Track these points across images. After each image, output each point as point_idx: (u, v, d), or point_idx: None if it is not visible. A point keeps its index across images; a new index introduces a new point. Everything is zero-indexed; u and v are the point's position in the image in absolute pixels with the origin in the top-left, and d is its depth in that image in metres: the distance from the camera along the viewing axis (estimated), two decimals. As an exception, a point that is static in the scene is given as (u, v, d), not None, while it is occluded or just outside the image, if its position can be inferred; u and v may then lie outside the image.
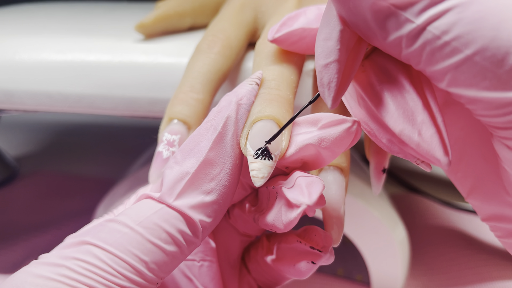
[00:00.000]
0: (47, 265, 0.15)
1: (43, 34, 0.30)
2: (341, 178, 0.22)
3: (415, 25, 0.14)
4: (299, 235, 0.20)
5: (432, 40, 0.13)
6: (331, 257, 0.20)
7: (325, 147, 0.18)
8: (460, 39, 0.13)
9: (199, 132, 0.18)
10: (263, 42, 0.24)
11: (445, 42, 0.13)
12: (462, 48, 0.13)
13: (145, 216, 0.16)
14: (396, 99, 0.16)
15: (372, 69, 0.17)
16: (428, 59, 0.14)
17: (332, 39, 0.15)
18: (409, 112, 0.16)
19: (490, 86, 0.13)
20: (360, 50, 0.16)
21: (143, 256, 0.16)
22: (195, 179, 0.17)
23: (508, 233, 0.18)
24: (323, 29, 0.16)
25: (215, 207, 0.18)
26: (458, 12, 0.13)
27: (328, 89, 0.16)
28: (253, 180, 0.18)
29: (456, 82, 0.14)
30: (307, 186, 0.17)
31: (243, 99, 0.19)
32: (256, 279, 0.23)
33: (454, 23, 0.13)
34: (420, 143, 0.15)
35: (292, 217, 0.17)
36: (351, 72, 0.16)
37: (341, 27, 0.15)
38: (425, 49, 0.14)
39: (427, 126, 0.15)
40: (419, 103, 0.16)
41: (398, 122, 0.16)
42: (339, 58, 0.15)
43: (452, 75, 0.14)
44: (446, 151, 0.15)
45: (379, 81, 0.16)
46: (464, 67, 0.13)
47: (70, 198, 0.46)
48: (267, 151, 0.18)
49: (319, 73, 0.16)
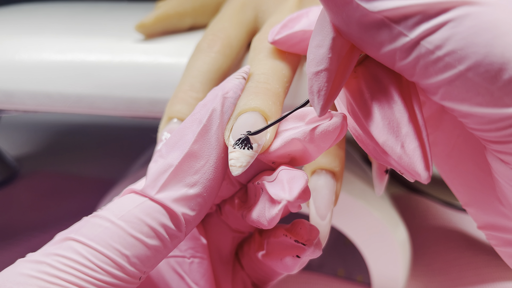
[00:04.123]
0: (29, 263, 0.15)
1: (43, 34, 0.30)
2: (333, 182, 0.22)
3: (408, 39, 0.13)
4: (287, 229, 0.20)
5: (425, 54, 0.13)
6: (317, 250, 0.20)
7: (310, 141, 0.18)
8: (453, 54, 0.13)
9: (184, 125, 0.18)
10: (258, 38, 0.24)
11: (438, 57, 0.13)
12: (455, 64, 0.13)
13: (127, 210, 0.16)
14: (383, 109, 0.16)
15: (363, 76, 0.17)
16: (422, 72, 0.14)
17: (324, 46, 0.15)
18: (395, 123, 0.16)
19: (483, 102, 0.13)
20: (353, 57, 0.16)
21: (124, 250, 0.16)
22: (179, 171, 0.17)
23: (503, 242, 0.18)
24: (315, 36, 0.16)
25: (199, 200, 0.17)
26: (452, 27, 0.13)
27: (318, 97, 0.16)
28: (230, 169, 0.17)
29: (449, 97, 0.14)
30: (288, 181, 0.17)
31: (229, 92, 0.19)
32: (249, 275, 0.23)
33: (447, 38, 0.13)
34: (402, 155, 0.15)
35: (273, 214, 0.17)
36: (342, 80, 0.16)
37: (333, 34, 0.15)
38: (418, 63, 0.14)
39: (410, 139, 0.15)
40: (405, 115, 0.15)
41: (382, 132, 0.16)
42: (329, 67, 0.15)
43: (445, 89, 0.14)
44: (427, 166, 0.15)
45: (369, 89, 0.16)
46: (457, 83, 0.13)
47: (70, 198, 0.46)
48: (247, 141, 0.17)
49: (310, 80, 0.16)
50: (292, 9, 0.25)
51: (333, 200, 0.22)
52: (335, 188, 0.22)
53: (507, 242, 0.18)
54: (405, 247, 0.32)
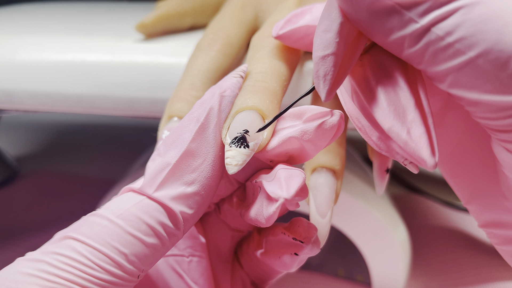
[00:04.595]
0: (28, 261, 0.15)
1: (43, 34, 0.30)
2: (333, 180, 0.22)
3: (419, 25, 0.13)
4: (285, 227, 0.20)
5: (435, 41, 0.13)
6: (315, 248, 0.20)
7: (308, 140, 0.18)
8: (463, 41, 0.13)
9: (182, 124, 0.18)
10: (258, 36, 0.24)
11: (448, 44, 0.13)
12: (465, 50, 0.13)
13: (125, 208, 0.16)
14: (389, 95, 0.16)
15: (369, 64, 0.17)
16: (430, 59, 0.14)
17: (331, 31, 0.15)
18: (401, 109, 0.16)
19: (491, 89, 0.13)
20: (359, 44, 0.16)
21: (122, 248, 0.16)
22: (176, 169, 0.17)
23: (505, 240, 0.18)
24: (323, 21, 0.16)
25: (197, 199, 0.18)
26: (463, 13, 0.13)
27: (324, 82, 0.16)
28: (227, 168, 0.17)
29: (457, 84, 0.14)
30: (286, 179, 0.17)
31: (226, 91, 0.19)
32: (248, 274, 0.23)
33: (458, 25, 0.13)
34: (408, 141, 0.15)
35: (271, 212, 0.17)
36: (348, 66, 0.16)
37: (341, 19, 0.15)
38: (428, 49, 0.14)
39: (416, 125, 0.15)
40: (411, 101, 0.15)
41: (388, 118, 0.16)
42: (336, 51, 0.15)
43: (454, 76, 0.14)
44: (433, 152, 0.15)
45: (375, 76, 0.16)
46: (466, 69, 0.13)
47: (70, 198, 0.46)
48: (243, 139, 0.17)
49: (316, 65, 0.16)
50: (292, 8, 0.25)
51: (334, 198, 0.22)
52: (336, 186, 0.22)
53: (509, 239, 0.18)
54: (405, 247, 0.32)
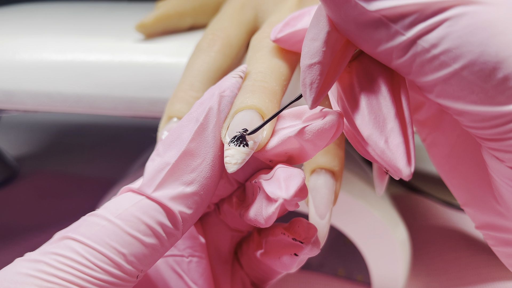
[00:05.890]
0: (27, 262, 0.15)
1: (43, 34, 0.30)
2: (332, 182, 0.22)
3: (405, 38, 0.14)
4: (285, 228, 0.20)
5: (421, 52, 0.14)
6: (315, 249, 0.20)
7: (307, 140, 0.18)
8: (448, 53, 0.13)
9: (181, 124, 0.18)
10: (257, 37, 0.24)
11: (434, 56, 0.13)
12: (450, 62, 0.13)
13: (124, 208, 0.16)
14: (371, 104, 0.16)
15: (356, 71, 0.17)
16: (418, 71, 0.14)
17: (318, 40, 0.15)
18: (381, 118, 0.16)
19: (477, 100, 0.13)
20: (347, 52, 0.16)
21: (121, 248, 0.16)
22: (176, 169, 0.17)
23: (500, 242, 0.18)
24: (311, 29, 0.16)
25: (196, 199, 0.18)
26: (448, 26, 0.13)
27: (310, 90, 0.16)
28: (226, 167, 0.17)
29: (444, 94, 0.14)
30: (285, 179, 0.17)
31: (226, 91, 0.19)
32: (248, 274, 0.23)
33: (443, 37, 0.13)
34: (384, 150, 0.15)
35: (270, 212, 0.17)
36: (335, 74, 0.16)
37: (328, 28, 0.15)
38: (414, 61, 0.14)
39: (395, 135, 0.15)
40: (392, 110, 0.16)
41: (367, 126, 0.16)
42: (323, 60, 0.15)
43: (440, 87, 0.14)
44: (409, 162, 0.15)
45: (360, 83, 0.16)
46: (452, 81, 0.13)
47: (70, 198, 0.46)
48: (242, 138, 0.17)
49: (303, 73, 0.16)
50: (292, 8, 0.25)
51: (333, 200, 0.22)
52: (335, 188, 0.22)
53: (504, 241, 0.18)
54: (405, 247, 0.32)
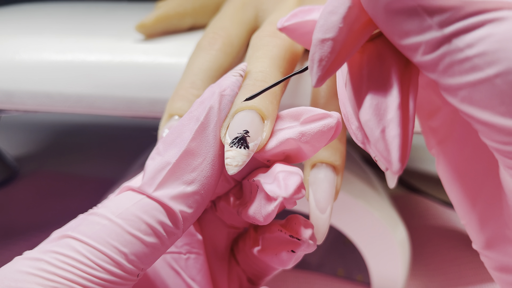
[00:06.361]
0: (27, 260, 0.15)
1: (43, 34, 0.30)
2: (333, 176, 0.22)
3: (439, 34, 0.12)
4: (282, 224, 0.20)
5: (453, 51, 0.12)
6: (312, 245, 0.20)
7: (305, 141, 0.18)
8: (484, 56, 0.12)
9: (182, 123, 0.18)
10: (257, 35, 0.24)
11: (467, 57, 0.12)
12: (484, 67, 0.12)
13: (125, 208, 0.16)
14: (376, 89, 0.15)
15: (369, 52, 0.15)
16: (445, 70, 0.13)
17: (337, 14, 0.14)
18: (383, 105, 0.15)
19: (506, 112, 0.12)
20: (365, 33, 0.15)
21: (122, 247, 0.16)
22: (176, 169, 0.17)
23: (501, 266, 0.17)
24: (332, 1, 0.14)
25: (196, 198, 0.18)
26: (489, 28, 0.12)
27: (318, 66, 0.14)
28: (227, 168, 0.17)
29: (470, 101, 0.13)
30: (284, 178, 0.17)
31: (226, 90, 0.19)
32: (245, 270, 0.23)
33: (481, 38, 0.12)
34: (379, 140, 0.15)
35: (270, 210, 0.17)
36: (347, 55, 0.15)
37: (350, 3, 0.14)
38: (443, 60, 0.13)
39: (393, 126, 0.14)
40: (396, 100, 0.14)
41: (367, 111, 0.15)
42: (337, 37, 0.14)
43: (467, 92, 0.13)
44: (402, 158, 0.14)
45: (369, 65, 0.15)
46: (482, 87, 0.12)
47: (70, 198, 0.46)
48: (243, 140, 0.17)
49: (313, 47, 0.14)
50: (292, 7, 0.25)
51: (333, 194, 0.22)
52: (336, 182, 0.22)
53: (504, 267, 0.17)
54: (404, 247, 0.32)
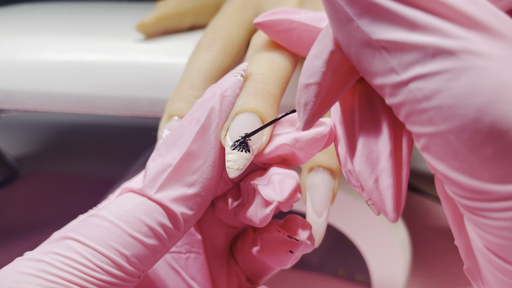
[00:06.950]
0: (28, 261, 0.15)
1: (43, 34, 0.30)
2: (330, 180, 0.22)
3: (399, 78, 0.12)
4: (280, 225, 0.20)
5: (412, 101, 0.12)
6: (310, 245, 0.20)
7: (299, 148, 0.18)
8: (439, 110, 0.11)
9: (183, 124, 0.18)
10: (257, 36, 0.24)
11: (424, 109, 0.12)
12: (439, 122, 0.12)
13: (126, 210, 0.16)
14: (368, 137, 0.15)
15: (359, 95, 0.15)
16: (406, 117, 0.13)
17: (320, 58, 0.14)
18: (375, 154, 0.14)
19: (459, 168, 0.12)
20: (351, 77, 0.15)
21: (123, 250, 0.16)
22: (178, 171, 0.17)
23: None
24: (315, 46, 0.15)
25: (197, 200, 0.18)
26: (447, 79, 0.11)
27: (303, 111, 0.14)
28: (228, 171, 0.18)
29: (428, 150, 0.12)
30: (279, 182, 0.17)
31: (227, 91, 0.19)
32: (243, 270, 0.23)
33: (438, 91, 0.11)
34: (372, 190, 0.14)
35: (265, 214, 0.17)
36: (334, 97, 0.15)
37: (332, 48, 0.14)
38: (404, 106, 0.12)
39: (386, 175, 0.14)
40: (387, 148, 0.14)
41: (360, 160, 0.15)
42: (321, 81, 0.14)
43: (426, 142, 0.12)
44: (397, 207, 0.14)
45: (360, 110, 0.15)
46: (437, 141, 0.12)
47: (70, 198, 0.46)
48: (245, 143, 0.18)
49: (299, 92, 0.15)
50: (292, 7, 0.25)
51: (330, 198, 0.22)
52: (333, 186, 0.22)
53: None
54: (405, 247, 0.32)
